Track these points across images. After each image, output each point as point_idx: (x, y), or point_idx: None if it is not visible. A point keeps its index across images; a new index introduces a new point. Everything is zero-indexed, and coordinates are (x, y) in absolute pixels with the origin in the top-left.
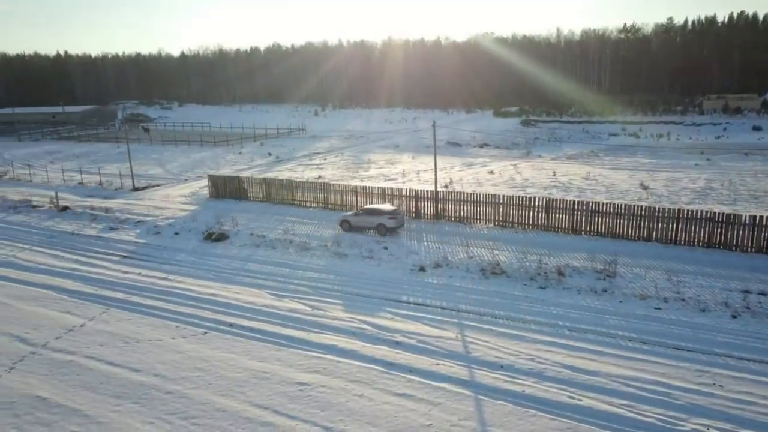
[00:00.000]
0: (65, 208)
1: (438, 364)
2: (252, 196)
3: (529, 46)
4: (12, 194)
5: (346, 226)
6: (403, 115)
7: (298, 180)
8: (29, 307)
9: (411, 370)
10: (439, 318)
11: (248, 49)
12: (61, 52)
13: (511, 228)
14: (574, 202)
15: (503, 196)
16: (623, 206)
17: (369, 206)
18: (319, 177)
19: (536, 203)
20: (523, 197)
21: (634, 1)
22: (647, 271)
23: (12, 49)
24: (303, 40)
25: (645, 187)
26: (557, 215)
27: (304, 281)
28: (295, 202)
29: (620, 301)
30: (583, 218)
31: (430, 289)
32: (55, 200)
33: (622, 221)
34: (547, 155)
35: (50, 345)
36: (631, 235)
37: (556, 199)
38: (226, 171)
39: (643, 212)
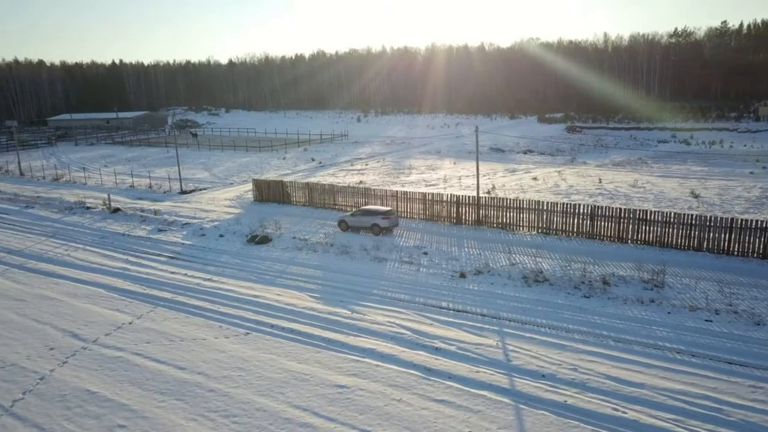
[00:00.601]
0: (117, 210)
1: (478, 372)
2: (295, 200)
3: (575, 51)
4: (68, 196)
5: (344, 226)
6: (446, 121)
7: (339, 185)
8: (82, 304)
9: (450, 377)
10: (480, 325)
11: (293, 57)
12: (117, 61)
13: (554, 235)
14: (620, 209)
15: (547, 202)
16: (672, 215)
17: (365, 207)
18: (360, 182)
19: (581, 210)
20: (567, 204)
21: (685, 5)
22: (697, 281)
23: (71, 57)
24: (347, 47)
25: (696, 196)
26: (602, 223)
27: (344, 284)
28: (337, 207)
29: (668, 312)
30: (630, 226)
31: (470, 296)
32: (107, 202)
33: (671, 230)
34: (592, 162)
35: (100, 341)
36: (681, 245)
37: (602, 207)
38: (270, 175)
39: (693, 221)
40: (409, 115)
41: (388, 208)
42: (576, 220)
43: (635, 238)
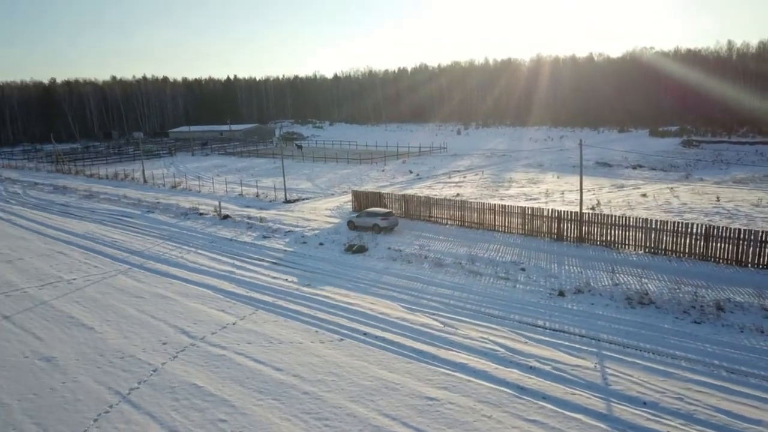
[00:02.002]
0: (226, 217)
1: (573, 394)
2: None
3: (693, 60)
4: (184, 202)
5: (351, 225)
6: (549, 134)
7: (435, 197)
8: (192, 303)
9: (544, 397)
10: (577, 346)
11: (396, 70)
12: (231, 76)
13: (663, 255)
14: (739, 230)
15: (656, 220)
16: None
17: (368, 209)
18: (458, 195)
19: (694, 230)
20: (679, 223)
21: None
22: None
23: (192, 74)
24: (449, 59)
25: None
26: (719, 244)
27: (437, 297)
28: (432, 219)
29: None
30: (750, 249)
31: (568, 315)
32: (218, 209)
33: None
34: (710, 179)
35: (207, 339)
36: None
37: (719, 227)
38: (368, 187)
39: None
40: (510, 128)
41: (388, 210)
42: (688, 240)
43: (756, 261)
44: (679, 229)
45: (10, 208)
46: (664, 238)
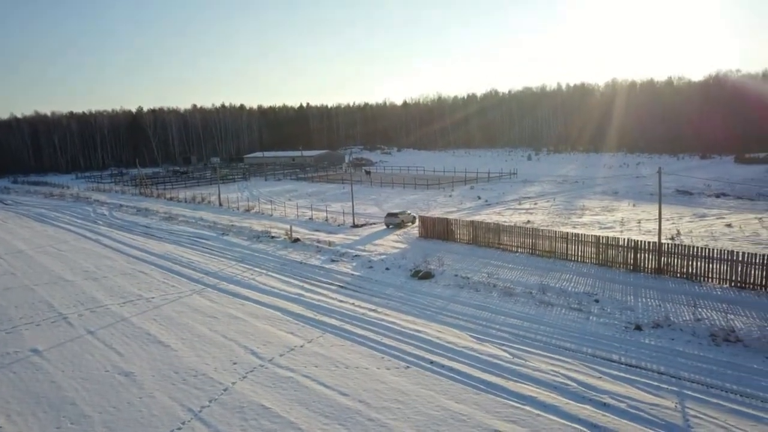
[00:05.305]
0: (296, 240)
1: None
2: (459, 238)
3: None
4: (256, 225)
5: (386, 224)
6: (625, 160)
7: (504, 224)
8: (262, 324)
9: None
10: (656, 384)
11: (465, 96)
12: (304, 104)
13: (752, 290)
14: None
15: (743, 253)
16: None
17: (390, 212)
18: (528, 222)
19: None
20: None
21: None
22: None
23: (266, 101)
24: (520, 84)
25: None
26: None
27: (506, 327)
28: (501, 246)
29: None
30: None
31: (646, 351)
32: (289, 232)
33: None
34: None
35: (275, 361)
36: None
37: None
38: (435, 212)
39: None
40: (584, 154)
41: (401, 211)
42: None
43: None
44: None
45: (97, 228)
46: (753, 272)
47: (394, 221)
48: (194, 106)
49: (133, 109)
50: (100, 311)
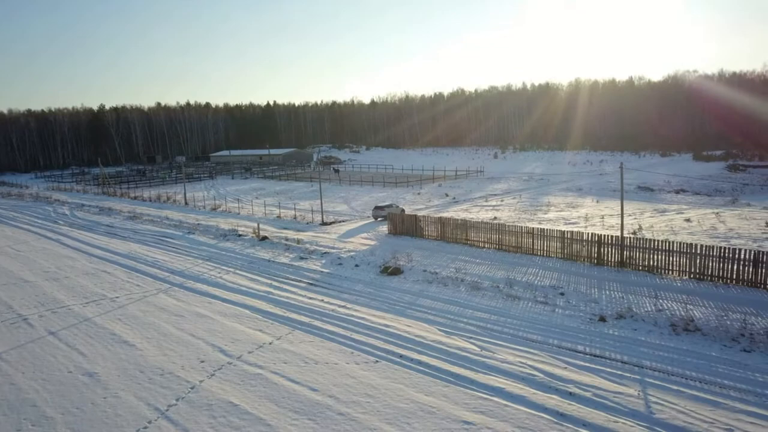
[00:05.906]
0: (264, 238)
1: (616, 422)
2: (427, 234)
3: (739, 83)
4: (223, 224)
5: (373, 217)
6: (588, 158)
7: (472, 220)
8: (230, 322)
9: (585, 425)
10: (619, 372)
11: (432, 95)
12: (271, 102)
13: (709, 281)
14: None
15: (701, 245)
16: None
17: (378, 205)
18: (495, 218)
19: (743, 255)
20: (725, 248)
21: None
22: None
23: (233, 100)
24: (486, 83)
25: None
26: None
27: (474, 320)
28: (469, 242)
29: None
30: None
31: (610, 341)
32: (256, 231)
33: None
34: (758, 204)
35: (243, 358)
36: None
37: None
38: (404, 209)
39: None
40: (548, 152)
41: (388, 204)
42: (736, 266)
43: None
44: (726, 254)
45: (58, 228)
46: (710, 264)
47: (381, 214)
48: (158, 104)
49: (95, 107)
50: (62, 312)
